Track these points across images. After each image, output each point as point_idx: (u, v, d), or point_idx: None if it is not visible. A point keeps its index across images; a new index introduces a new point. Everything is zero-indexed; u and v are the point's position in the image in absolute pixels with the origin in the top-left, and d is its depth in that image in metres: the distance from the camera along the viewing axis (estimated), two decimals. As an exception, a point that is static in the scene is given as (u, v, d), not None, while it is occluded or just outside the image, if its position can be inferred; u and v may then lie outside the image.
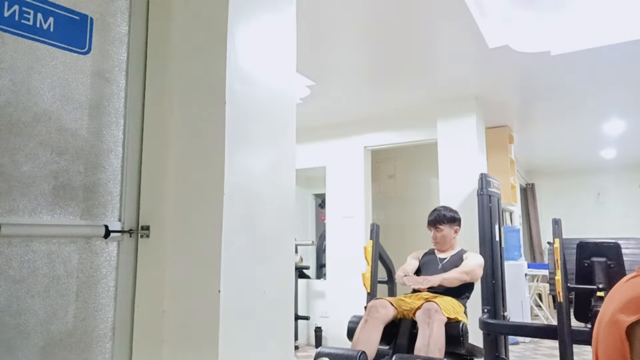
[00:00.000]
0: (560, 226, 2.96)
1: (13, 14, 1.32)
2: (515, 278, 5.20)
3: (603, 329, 1.03)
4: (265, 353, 1.52)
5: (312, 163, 5.45)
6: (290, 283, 1.66)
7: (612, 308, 1.03)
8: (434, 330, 2.54)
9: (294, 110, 1.76)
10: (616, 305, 1.02)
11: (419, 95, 4.47)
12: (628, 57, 3.53)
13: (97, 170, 1.48)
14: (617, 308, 1.02)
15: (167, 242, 1.50)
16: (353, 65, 3.76)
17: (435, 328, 2.55)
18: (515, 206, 6.71)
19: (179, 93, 1.56)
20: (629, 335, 0.93)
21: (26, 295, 1.30)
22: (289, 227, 1.68)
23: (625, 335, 0.93)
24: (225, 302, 1.37)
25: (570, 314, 2.87)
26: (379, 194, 6.29)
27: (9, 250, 1.27)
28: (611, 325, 1.01)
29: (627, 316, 0.96)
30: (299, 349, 5.06)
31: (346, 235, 5.14)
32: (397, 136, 5.10)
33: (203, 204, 1.45)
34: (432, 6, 2.80)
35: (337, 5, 2.78)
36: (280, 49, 1.72)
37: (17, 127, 1.31)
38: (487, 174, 3.95)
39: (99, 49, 1.51)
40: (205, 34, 1.55)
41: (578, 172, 8.94)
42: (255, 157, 1.56)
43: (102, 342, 1.46)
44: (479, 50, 3.39)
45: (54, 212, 1.37)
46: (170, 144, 1.54)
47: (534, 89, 4.31)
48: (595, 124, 5.54)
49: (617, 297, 1.05)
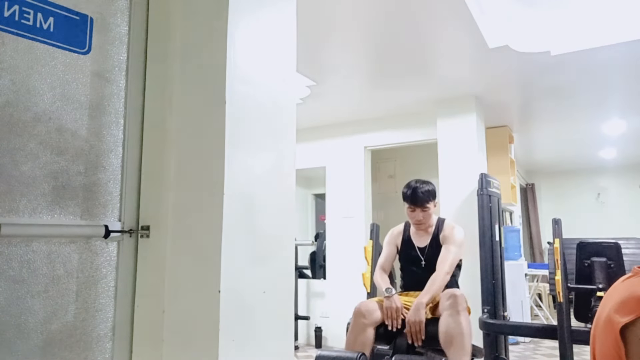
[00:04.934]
0: (560, 226, 2.96)
1: (13, 14, 1.32)
2: (515, 278, 5.20)
3: (600, 329, 1.04)
4: (265, 353, 1.52)
5: (312, 163, 5.45)
6: (290, 283, 1.66)
7: (608, 308, 1.03)
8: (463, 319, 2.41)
9: (294, 110, 1.76)
10: (612, 306, 1.03)
11: (419, 95, 4.47)
12: (628, 57, 3.53)
13: (97, 170, 1.48)
14: (613, 309, 1.02)
15: (167, 242, 1.50)
16: (353, 65, 3.77)
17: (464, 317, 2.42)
18: (515, 206, 6.71)
19: (179, 93, 1.56)
20: (623, 335, 0.93)
21: (26, 295, 1.30)
22: (289, 227, 1.68)
23: (619, 335, 0.93)
24: (225, 302, 1.37)
25: (570, 314, 2.87)
26: (379, 194, 6.29)
27: (9, 250, 1.27)
28: (607, 325, 1.02)
29: (621, 317, 0.96)
30: (299, 349, 5.06)
31: (346, 235, 5.14)
32: (397, 136, 5.10)
33: (203, 204, 1.45)
34: (432, 6, 2.80)
35: (337, 5, 2.78)
36: (280, 48, 1.72)
37: (17, 127, 1.31)
38: (487, 174, 3.95)
39: (99, 49, 1.51)
40: (205, 33, 1.55)
41: (578, 172, 8.94)
42: (255, 157, 1.56)
43: (102, 342, 1.46)
44: (479, 50, 3.39)
45: (54, 212, 1.37)
46: (170, 144, 1.54)
47: (534, 89, 4.31)
48: (595, 124, 5.54)
49: (613, 298, 1.05)
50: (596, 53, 3.43)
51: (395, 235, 3.03)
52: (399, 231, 3.03)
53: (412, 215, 2.84)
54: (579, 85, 4.18)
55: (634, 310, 0.94)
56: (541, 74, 3.92)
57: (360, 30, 3.14)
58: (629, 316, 0.93)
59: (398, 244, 2.99)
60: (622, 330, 0.93)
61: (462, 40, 3.25)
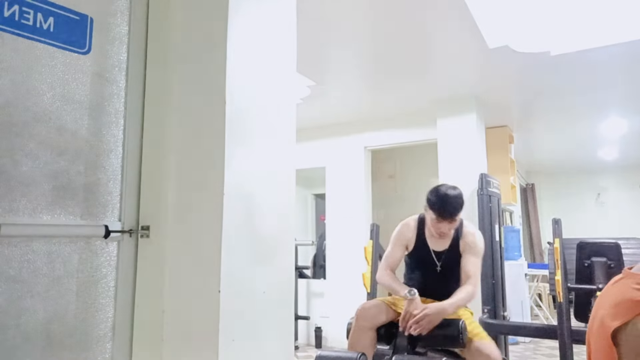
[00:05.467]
0: (560, 226, 2.96)
1: (13, 14, 1.32)
2: (515, 278, 5.20)
3: (594, 333, 1.04)
4: (265, 353, 1.52)
5: (312, 163, 5.45)
6: (290, 283, 1.66)
7: (601, 313, 1.04)
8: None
9: (294, 110, 1.76)
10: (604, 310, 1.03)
11: (419, 95, 4.47)
12: (628, 57, 3.53)
13: (97, 170, 1.48)
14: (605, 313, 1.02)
15: (167, 242, 1.50)
16: (353, 65, 3.77)
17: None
18: (515, 206, 6.71)
19: (179, 93, 1.56)
20: (615, 339, 0.93)
21: (26, 296, 1.30)
22: (289, 227, 1.68)
23: (611, 339, 0.94)
24: (225, 302, 1.37)
25: (570, 314, 2.87)
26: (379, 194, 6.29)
27: (9, 250, 1.27)
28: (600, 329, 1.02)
29: (612, 321, 0.96)
30: (299, 349, 5.06)
31: (346, 235, 5.14)
32: (397, 136, 5.10)
33: (203, 204, 1.45)
34: (432, 6, 2.80)
35: (337, 5, 2.78)
36: (280, 48, 1.72)
37: (17, 127, 1.31)
38: (487, 174, 3.95)
39: (99, 49, 1.51)
40: (205, 33, 1.55)
41: (578, 172, 8.94)
42: (255, 157, 1.56)
43: (102, 342, 1.46)
44: (479, 50, 3.39)
45: (54, 212, 1.37)
46: (170, 144, 1.54)
47: (534, 89, 4.31)
48: (595, 124, 5.54)
49: (605, 301, 1.05)
50: (596, 53, 3.43)
51: (406, 234, 2.65)
52: (411, 229, 2.64)
53: (438, 226, 2.45)
54: (579, 85, 4.18)
55: (624, 314, 0.94)
56: (541, 74, 3.92)
57: (360, 30, 3.14)
58: (619, 320, 0.93)
59: (410, 244, 2.65)
60: (613, 334, 0.94)
61: (462, 40, 3.25)
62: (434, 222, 2.46)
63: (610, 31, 3.19)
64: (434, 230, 2.51)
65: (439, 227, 2.46)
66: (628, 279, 1.04)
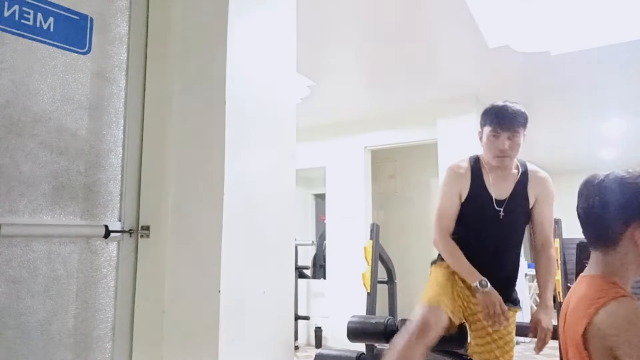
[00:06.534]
0: (560, 226, 2.96)
1: (13, 14, 1.32)
2: (515, 278, 5.19)
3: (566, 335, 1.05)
4: (265, 353, 1.52)
5: (312, 163, 5.44)
6: (290, 283, 1.66)
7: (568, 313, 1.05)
8: None
9: (294, 110, 1.76)
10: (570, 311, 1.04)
11: (419, 95, 4.47)
12: (628, 57, 3.53)
13: (97, 170, 1.48)
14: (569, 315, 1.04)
15: (167, 242, 1.50)
16: (353, 65, 3.76)
17: None
18: (515, 206, 6.70)
19: (179, 93, 1.56)
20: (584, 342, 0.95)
21: (26, 295, 1.30)
22: (289, 227, 1.68)
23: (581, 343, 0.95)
24: (225, 302, 1.37)
25: (570, 314, 2.87)
26: (379, 194, 6.29)
27: (9, 250, 1.27)
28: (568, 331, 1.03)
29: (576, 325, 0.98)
30: (299, 349, 5.06)
31: (346, 235, 5.14)
32: (397, 136, 5.10)
33: (203, 204, 1.45)
34: (432, 6, 2.79)
35: (337, 5, 2.78)
36: (280, 48, 1.72)
37: (17, 127, 1.31)
38: (487, 174, 3.94)
39: (99, 49, 1.51)
40: (205, 33, 1.55)
41: (578, 172, 8.93)
42: (255, 157, 1.56)
43: (102, 342, 1.46)
44: (479, 50, 3.39)
45: (54, 212, 1.37)
46: (170, 144, 1.54)
47: (534, 89, 4.31)
48: (595, 124, 5.54)
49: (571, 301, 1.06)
50: (596, 53, 3.43)
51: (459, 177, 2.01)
52: (464, 171, 2.01)
53: (495, 143, 1.94)
54: (579, 85, 4.18)
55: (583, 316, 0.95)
56: (541, 74, 3.92)
57: (360, 30, 3.14)
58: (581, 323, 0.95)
59: (463, 190, 2.00)
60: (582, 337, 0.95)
61: (462, 40, 3.25)
62: (489, 140, 1.96)
63: (610, 31, 3.19)
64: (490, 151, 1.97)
65: (496, 145, 1.94)
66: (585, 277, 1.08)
